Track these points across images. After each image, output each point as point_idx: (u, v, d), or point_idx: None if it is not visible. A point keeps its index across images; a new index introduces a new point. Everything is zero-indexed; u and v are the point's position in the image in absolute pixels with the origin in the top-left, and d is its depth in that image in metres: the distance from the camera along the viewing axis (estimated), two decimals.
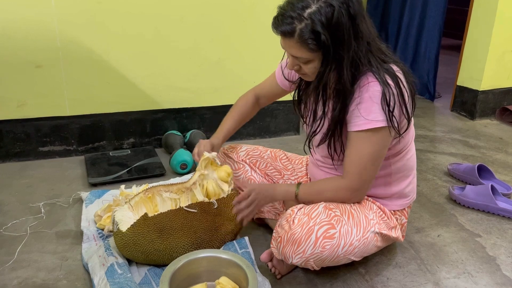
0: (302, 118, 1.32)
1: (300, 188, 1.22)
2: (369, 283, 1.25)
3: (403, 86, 1.11)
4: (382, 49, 1.14)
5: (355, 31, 1.05)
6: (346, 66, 1.07)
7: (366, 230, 1.17)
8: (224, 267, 1.17)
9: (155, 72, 2.08)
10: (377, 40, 1.13)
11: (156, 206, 1.36)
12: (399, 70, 1.13)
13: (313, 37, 1.02)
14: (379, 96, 1.08)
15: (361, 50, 1.07)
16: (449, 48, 4.65)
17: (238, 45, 2.17)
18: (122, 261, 1.22)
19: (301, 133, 2.45)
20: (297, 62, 1.12)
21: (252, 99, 1.47)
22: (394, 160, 1.24)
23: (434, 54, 3.12)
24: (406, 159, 1.26)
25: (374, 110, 1.09)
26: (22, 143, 1.98)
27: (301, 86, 1.29)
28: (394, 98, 1.09)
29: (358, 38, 1.06)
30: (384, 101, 1.08)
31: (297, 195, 1.22)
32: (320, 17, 1.01)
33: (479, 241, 1.48)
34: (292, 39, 1.05)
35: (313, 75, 1.13)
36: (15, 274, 1.24)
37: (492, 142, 2.43)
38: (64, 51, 1.91)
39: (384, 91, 1.08)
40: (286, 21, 1.04)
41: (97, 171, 1.86)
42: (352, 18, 1.03)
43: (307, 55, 1.07)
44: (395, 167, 1.25)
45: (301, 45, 1.05)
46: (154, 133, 2.18)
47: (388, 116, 1.09)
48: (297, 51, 1.07)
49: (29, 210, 1.58)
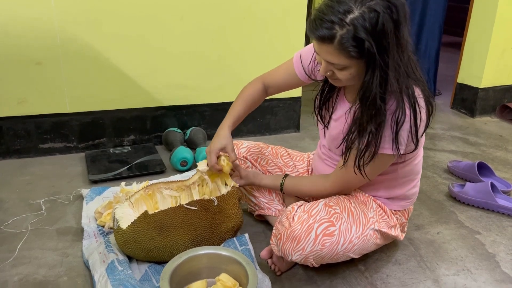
0: (322, 121, 1.29)
1: (284, 183, 1.31)
2: (368, 280, 1.26)
3: (419, 112, 1.07)
4: (414, 60, 1.09)
5: (398, 38, 0.98)
6: (392, 73, 1.00)
7: (366, 228, 1.18)
8: (224, 264, 1.17)
9: (155, 70, 2.08)
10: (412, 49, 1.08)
11: (156, 203, 1.36)
12: (420, 94, 1.08)
13: (355, 44, 0.96)
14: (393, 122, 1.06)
15: (402, 57, 1.02)
16: (450, 45, 4.64)
17: (238, 42, 2.17)
18: (123, 258, 1.22)
19: (302, 130, 2.45)
20: (331, 68, 1.06)
21: (261, 87, 1.38)
22: (402, 166, 1.23)
23: (435, 52, 3.11)
24: (414, 164, 1.25)
25: (385, 136, 1.08)
26: (23, 140, 1.98)
27: (325, 87, 1.25)
28: (407, 126, 1.06)
29: (400, 46, 1.00)
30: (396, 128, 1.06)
31: (282, 187, 1.32)
32: (364, 23, 0.94)
33: (479, 238, 1.48)
34: (331, 45, 0.98)
35: (346, 81, 1.08)
36: (16, 271, 1.24)
37: (492, 140, 2.43)
38: (64, 49, 1.90)
39: (399, 119, 1.05)
40: (325, 25, 0.97)
41: (97, 168, 1.86)
42: (396, 24, 0.97)
43: (345, 62, 1.01)
44: (402, 171, 1.24)
45: (340, 51, 0.99)
46: (154, 130, 2.18)
47: (395, 144, 1.07)
48: (335, 57, 1.01)
49: (30, 207, 1.58)
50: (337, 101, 1.25)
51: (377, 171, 1.17)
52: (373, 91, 1.02)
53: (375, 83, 1.01)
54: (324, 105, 1.26)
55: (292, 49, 1.28)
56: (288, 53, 1.35)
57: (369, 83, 1.02)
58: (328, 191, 1.26)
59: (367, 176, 1.15)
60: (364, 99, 1.05)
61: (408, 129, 1.07)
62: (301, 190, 1.33)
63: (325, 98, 1.26)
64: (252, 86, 1.39)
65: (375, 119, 1.06)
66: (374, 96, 1.02)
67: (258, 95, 1.39)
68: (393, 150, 1.09)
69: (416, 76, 1.08)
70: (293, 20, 2.21)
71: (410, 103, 1.05)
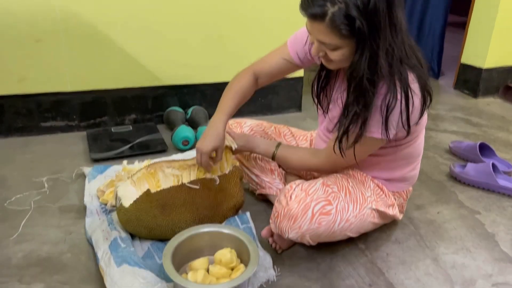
0: (321, 107, 1.27)
1: (277, 153, 1.32)
2: (368, 258, 1.27)
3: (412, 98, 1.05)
4: (412, 45, 1.07)
5: (391, 19, 0.96)
6: (382, 55, 0.98)
7: (363, 207, 1.18)
8: (226, 241, 1.18)
9: (157, 48, 2.06)
10: (407, 33, 1.05)
11: (158, 181, 1.37)
12: (414, 79, 1.06)
13: (346, 22, 0.94)
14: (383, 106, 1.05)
15: (395, 40, 0.99)
16: (454, 25, 4.58)
17: (239, 21, 2.14)
18: (125, 235, 1.23)
19: (303, 111, 2.44)
20: (323, 48, 1.04)
21: (251, 79, 1.32)
22: (402, 148, 1.22)
23: (439, 32, 3.08)
24: (414, 146, 1.25)
25: (372, 118, 1.07)
26: (24, 118, 1.98)
27: (321, 74, 1.23)
28: (397, 111, 1.05)
29: (393, 27, 0.98)
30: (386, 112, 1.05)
31: (274, 156, 1.33)
32: (356, 1, 0.92)
33: (479, 218, 1.49)
34: (322, 23, 0.97)
35: (339, 62, 1.06)
36: (19, 247, 1.26)
37: (495, 121, 2.43)
38: (64, 26, 1.88)
39: (390, 104, 1.04)
40: (317, 3, 0.95)
41: (99, 147, 1.86)
42: (389, 4, 0.95)
43: (336, 41, 0.99)
44: (402, 153, 1.24)
45: (331, 30, 0.97)
46: (155, 110, 2.18)
47: (384, 128, 1.07)
48: (326, 36, 0.99)
49: (32, 184, 1.59)
50: (335, 85, 1.23)
51: (364, 153, 1.16)
52: (361, 72, 1.00)
53: (363, 64, 0.99)
54: (322, 91, 1.25)
55: (294, 28, 1.25)
56: (289, 31, 1.32)
57: (358, 64, 1.00)
58: (315, 168, 1.28)
59: (354, 157, 1.14)
60: (351, 79, 1.04)
61: (398, 114, 1.06)
62: (290, 163, 1.34)
63: (323, 83, 1.24)
64: (242, 78, 1.33)
65: (360, 100, 1.04)
66: (361, 77, 1.01)
67: (248, 88, 1.32)
68: (382, 134, 1.08)
69: (411, 61, 1.06)
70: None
71: (402, 88, 1.04)
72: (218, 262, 1.14)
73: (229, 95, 1.30)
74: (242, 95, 1.31)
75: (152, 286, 1.03)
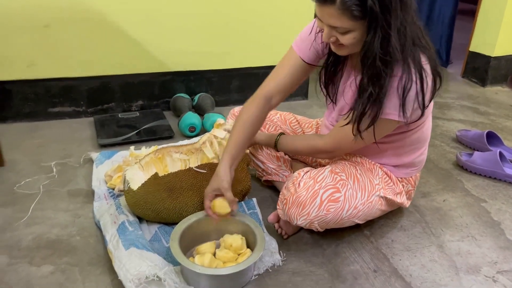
0: (329, 96, 1.25)
1: (279, 140, 1.34)
2: (373, 245, 1.28)
3: (426, 78, 1.05)
4: (420, 27, 1.07)
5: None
6: (394, 34, 0.97)
7: (371, 194, 1.19)
8: (233, 226, 1.20)
9: (163, 35, 2.05)
10: (416, 14, 1.04)
11: (166, 166, 1.38)
12: (426, 61, 1.06)
13: (358, 2, 0.93)
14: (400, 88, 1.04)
15: (406, 19, 0.98)
16: (463, 13, 4.52)
17: (246, 8, 2.13)
18: (133, 219, 1.25)
19: (309, 98, 2.43)
20: (334, 33, 1.02)
21: (260, 104, 1.24)
22: (410, 133, 1.22)
23: (448, 19, 3.04)
24: (422, 131, 1.24)
25: (390, 100, 1.06)
26: (32, 104, 1.99)
27: (329, 63, 1.21)
28: (413, 93, 1.04)
29: (404, 5, 0.97)
30: (402, 94, 1.04)
31: (277, 144, 1.34)
32: None
33: (485, 206, 1.50)
34: (333, 6, 0.95)
35: (351, 47, 1.04)
36: (29, 230, 1.28)
37: (502, 109, 2.41)
38: (71, 11, 1.88)
39: (406, 85, 1.03)
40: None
41: (106, 132, 1.88)
42: None
43: (348, 24, 0.98)
44: (410, 139, 1.23)
45: (343, 12, 0.95)
46: (162, 96, 2.18)
47: (402, 112, 1.06)
48: (337, 20, 0.97)
49: (41, 169, 1.61)
50: (344, 74, 1.22)
51: (377, 135, 1.13)
52: (374, 51, 0.99)
53: (376, 43, 0.98)
54: (331, 80, 1.23)
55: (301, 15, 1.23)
56: (296, 18, 1.30)
57: (371, 44, 0.99)
58: (320, 149, 1.25)
59: (365, 139, 1.13)
60: (365, 59, 1.03)
61: (414, 95, 1.05)
62: (294, 147, 1.33)
63: (331, 73, 1.22)
64: (250, 106, 1.25)
65: (375, 81, 1.04)
66: (374, 56, 1.00)
67: (258, 116, 1.25)
68: (399, 116, 1.08)
69: (422, 43, 1.06)
70: None
71: (416, 69, 1.04)
72: (228, 247, 1.15)
73: (237, 128, 1.23)
74: (251, 126, 1.24)
75: (160, 269, 1.04)
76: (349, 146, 1.20)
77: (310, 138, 1.31)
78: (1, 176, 1.55)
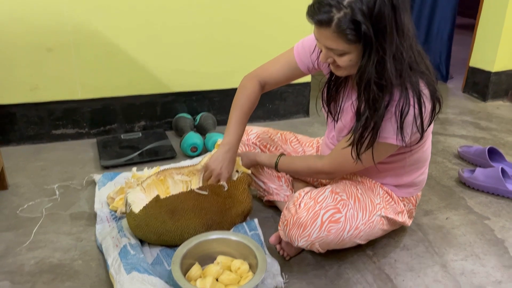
0: (331, 115, 1.26)
1: (279, 161, 1.33)
2: (376, 265, 1.27)
3: (424, 103, 1.05)
4: (420, 51, 1.08)
5: (397, 24, 0.97)
6: (390, 59, 0.99)
7: (372, 214, 1.19)
8: (234, 248, 1.19)
9: (165, 56, 2.08)
10: (415, 39, 1.06)
11: (167, 188, 1.39)
12: (424, 86, 1.06)
13: (352, 27, 0.95)
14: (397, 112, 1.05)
15: (403, 44, 0.99)
16: (462, 27, 4.56)
17: (247, 28, 2.16)
18: (135, 242, 1.25)
19: (311, 116, 2.44)
20: (331, 55, 1.05)
21: (257, 86, 1.34)
22: (410, 154, 1.22)
23: (447, 35, 3.07)
24: (422, 151, 1.24)
25: (388, 125, 1.07)
26: (36, 126, 2.01)
27: (331, 81, 1.23)
28: (411, 117, 1.05)
29: (400, 31, 0.98)
30: (400, 118, 1.05)
31: (277, 165, 1.34)
32: (361, 6, 0.93)
33: (488, 223, 1.49)
34: (329, 29, 0.97)
35: (348, 68, 1.06)
36: (32, 254, 1.28)
37: (504, 124, 2.41)
38: (74, 35, 1.92)
39: (403, 110, 1.04)
40: (323, 9, 0.96)
41: (109, 154, 1.89)
42: (395, 9, 0.95)
43: (343, 46, 1.00)
44: (409, 160, 1.23)
45: (338, 35, 0.97)
46: (164, 116, 2.20)
47: (401, 136, 1.07)
48: (333, 42, 1.00)
49: (44, 192, 1.62)
50: (345, 93, 1.23)
51: (378, 158, 1.15)
52: (369, 75, 1.01)
53: (371, 68, 1.00)
54: (333, 99, 1.24)
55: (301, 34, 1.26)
56: (297, 37, 1.33)
57: (365, 67, 1.01)
58: (319, 170, 1.25)
59: (364, 162, 1.13)
60: (360, 83, 1.04)
61: (412, 119, 1.06)
62: (294, 168, 1.33)
63: (333, 92, 1.24)
64: (247, 87, 1.34)
65: (371, 105, 1.05)
66: (368, 80, 1.01)
67: (255, 96, 1.34)
68: (397, 140, 1.08)
69: (420, 68, 1.06)
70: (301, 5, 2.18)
71: (414, 93, 1.04)
72: (235, 269, 1.15)
73: (236, 111, 1.33)
74: (249, 106, 1.34)
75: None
76: (349, 168, 1.21)
77: (310, 159, 1.31)
78: (5, 200, 1.56)
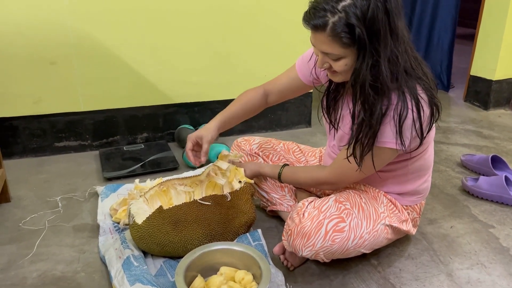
0: (330, 123, 1.26)
1: (282, 172, 1.34)
2: (381, 274, 1.26)
3: (422, 107, 1.06)
4: (417, 58, 1.09)
5: (391, 28, 0.99)
6: (384, 62, 1.00)
7: (376, 223, 1.18)
8: (238, 259, 1.19)
9: (167, 67, 2.10)
10: (410, 45, 1.07)
11: (170, 199, 1.38)
12: (423, 91, 1.07)
13: (346, 30, 0.97)
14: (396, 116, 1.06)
15: (398, 48, 1.01)
16: (463, 37, 4.58)
17: (248, 39, 2.18)
18: (138, 253, 1.24)
19: (313, 126, 2.45)
20: (327, 60, 1.06)
21: (261, 93, 1.39)
22: (412, 161, 1.22)
23: (448, 44, 3.08)
24: (424, 158, 1.24)
25: (387, 130, 1.07)
26: (38, 139, 2.02)
27: (331, 89, 1.24)
28: (410, 121, 1.05)
29: (394, 35, 1.00)
30: (398, 122, 1.05)
31: (280, 176, 1.34)
32: (355, 10, 0.95)
33: (493, 232, 1.48)
34: (324, 33, 1.00)
35: (344, 73, 1.08)
36: (34, 267, 1.28)
37: (506, 132, 2.41)
38: (77, 48, 1.93)
39: (401, 113, 1.04)
40: (318, 14, 0.99)
41: (111, 165, 1.89)
42: (388, 13, 0.97)
43: (338, 50, 1.01)
44: (412, 167, 1.23)
45: (333, 39, 0.99)
46: (166, 128, 2.20)
47: (400, 140, 1.07)
48: (328, 46, 1.02)
49: (47, 204, 1.61)
50: (344, 101, 1.24)
51: (376, 165, 1.14)
52: (364, 78, 1.02)
53: (365, 71, 1.01)
54: (332, 107, 1.25)
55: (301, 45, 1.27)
56: (297, 48, 1.34)
57: (360, 70, 1.02)
58: (322, 181, 1.26)
59: (365, 169, 1.13)
60: (355, 85, 1.05)
61: (411, 123, 1.06)
62: (297, 179, 1.33)
63: (332, 99, 1.24)
64: (252, 91, 1.40)
65: (367, 108, 1.05)
66: (363, 82, 1.02)
67: (257, 101, 1.39)
68: (396, 144, 1.08)
69: (417, 73, 1.07)
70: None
71: (412, 97, 1.05)
72: (239, 280, 1.14)
73: (235, 103, 1.38)
74: (249, 106, 1.38)
75: None
76: (351, 177, 1.21)
77: (312, 170, 1.31)
78: (8, 212, 1.56)
